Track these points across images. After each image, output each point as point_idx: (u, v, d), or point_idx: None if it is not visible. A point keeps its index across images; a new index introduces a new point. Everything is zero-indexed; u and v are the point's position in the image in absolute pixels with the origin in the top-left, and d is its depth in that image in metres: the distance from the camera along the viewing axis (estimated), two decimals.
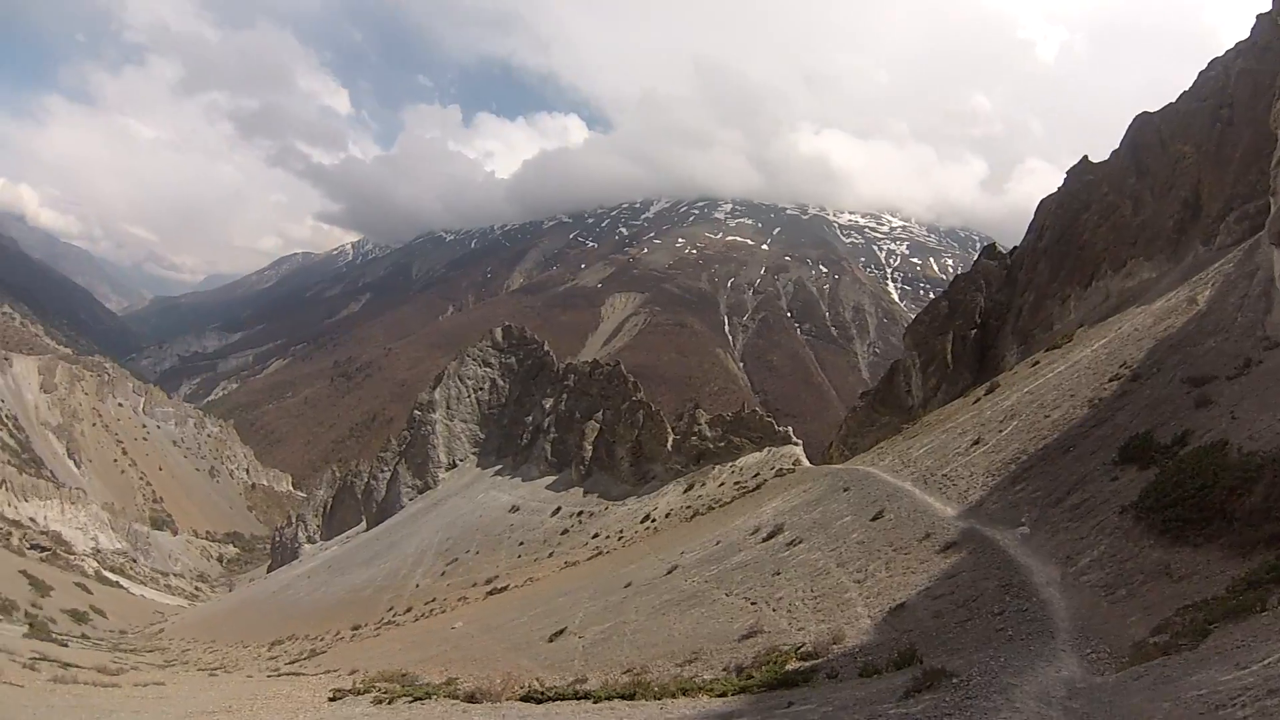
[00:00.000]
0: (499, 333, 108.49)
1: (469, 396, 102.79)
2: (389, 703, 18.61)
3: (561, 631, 30.08)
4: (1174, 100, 45.24)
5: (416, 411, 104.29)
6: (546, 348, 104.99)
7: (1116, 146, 48.87)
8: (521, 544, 67.23)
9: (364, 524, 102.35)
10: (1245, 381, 21.43)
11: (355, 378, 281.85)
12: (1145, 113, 47.25)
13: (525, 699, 16.54)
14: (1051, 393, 31.85)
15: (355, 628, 56.45)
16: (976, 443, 31.51)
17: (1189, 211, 39.43)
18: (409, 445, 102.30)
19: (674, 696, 14.78)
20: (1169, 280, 36.88)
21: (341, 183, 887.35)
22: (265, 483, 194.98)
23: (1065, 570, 17.05)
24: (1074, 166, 53.01)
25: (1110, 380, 28.40)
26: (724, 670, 18.34)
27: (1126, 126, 48.25)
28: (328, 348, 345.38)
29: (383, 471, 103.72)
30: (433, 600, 58.78)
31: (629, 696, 15.28)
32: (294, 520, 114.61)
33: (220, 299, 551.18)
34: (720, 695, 14.24)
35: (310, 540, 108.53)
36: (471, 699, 17.01)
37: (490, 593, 54.18)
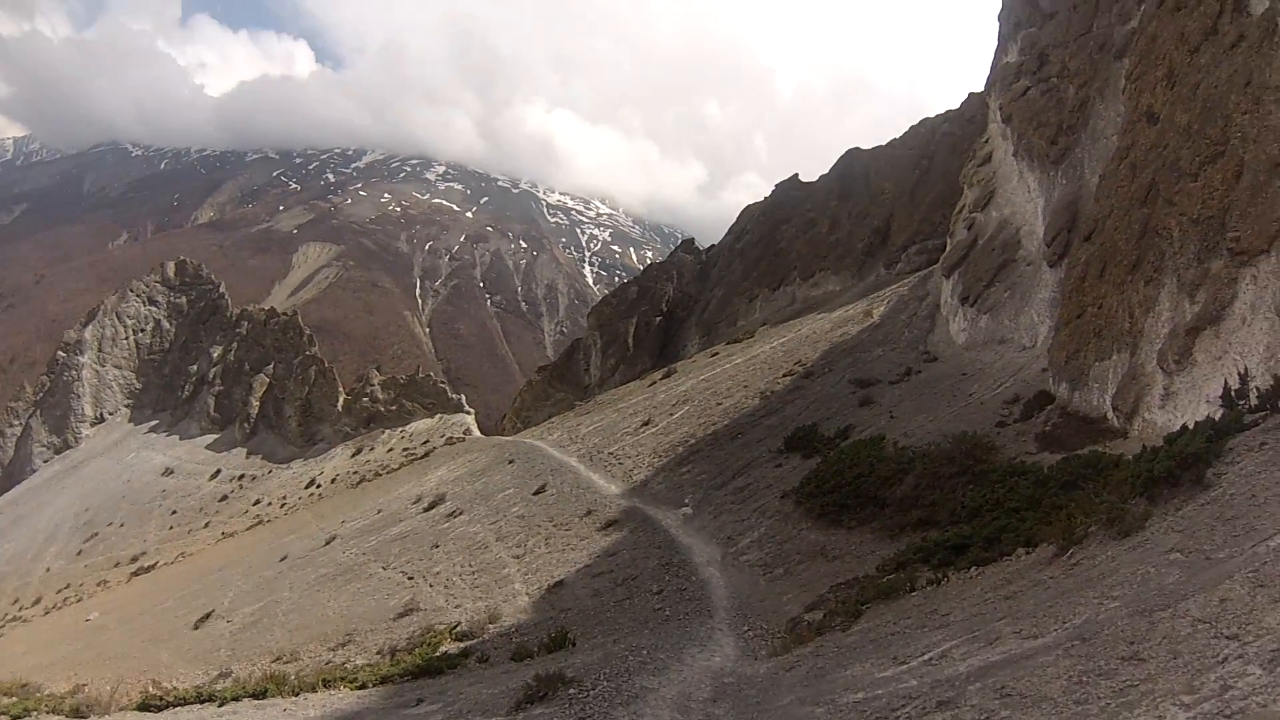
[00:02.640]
0: (171, 267, 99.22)
1: (127, 338, 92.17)
2: None
3: (209, 616, 28.94)
4: (884, 144, 52.75)
5: (61, 353, 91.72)
6: (222, 289, 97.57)
7: (826, 172, 55.68)
8: (174, 513, 64.02)
9: None
10: (905, 386, 24.42)
11: None
12: (857, 148, 54.69)
13: (142, 707, 15.66)
14: (727, 382, 34.39)
15: None
16: (647, 424, 33.19)
17: (878, 238, 46.02)
18: (47, 394, 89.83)
19: (312, 690, 14.53)
20: (851, 294, 42.29)
21: (16, 61, 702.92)
22: None
23: (726, 550, 17.63)
24: (783, 181, 59.32)
25: (785, 375, 31.14)
26: (378, 653, 18.26)
27: (839, 157, 55.19)
28: None
29: (11, 427, 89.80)
30: (67, 586, 54.71)
31: (260, 695, 14.80)
32: None
33: None
34: (360, 688, 14.18)
35: None
36: (77, 713, 15.89)
37: (135, 573, 51.93)
